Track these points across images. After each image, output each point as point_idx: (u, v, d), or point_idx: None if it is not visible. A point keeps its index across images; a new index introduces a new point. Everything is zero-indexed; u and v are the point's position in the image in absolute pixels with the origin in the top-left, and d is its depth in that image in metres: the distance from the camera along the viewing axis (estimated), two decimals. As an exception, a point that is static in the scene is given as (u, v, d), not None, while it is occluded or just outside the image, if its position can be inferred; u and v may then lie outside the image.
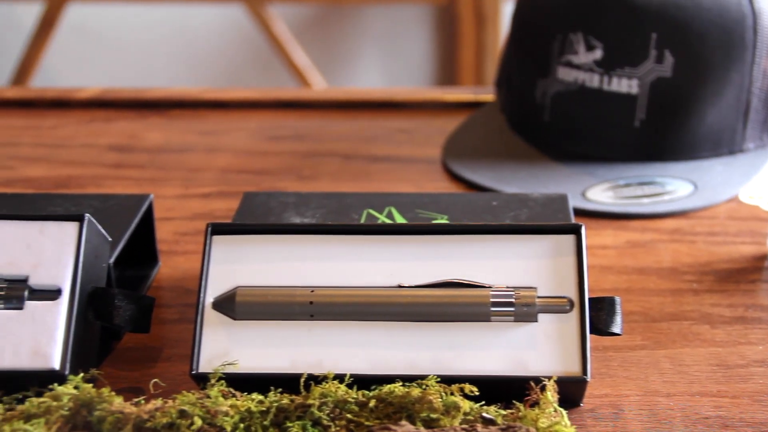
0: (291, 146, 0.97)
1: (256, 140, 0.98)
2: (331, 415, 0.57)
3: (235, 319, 0.62)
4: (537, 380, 0.57)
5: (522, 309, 0.60)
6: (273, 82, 2.53)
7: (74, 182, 0.90)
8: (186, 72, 2.55)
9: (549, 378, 0.57)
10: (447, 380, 0.58)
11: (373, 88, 1.05)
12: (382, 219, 0.72)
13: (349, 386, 0.58)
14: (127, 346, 0.69)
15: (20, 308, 0.61)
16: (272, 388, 0.59)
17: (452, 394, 0.57)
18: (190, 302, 0.73)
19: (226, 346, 0.61)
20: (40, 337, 0.61)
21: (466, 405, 0.56)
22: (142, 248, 0.76)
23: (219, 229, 0.64)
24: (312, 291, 0.62)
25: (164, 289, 0.75)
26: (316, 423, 0.57)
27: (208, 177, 0.91)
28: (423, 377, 0.58)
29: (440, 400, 0.56)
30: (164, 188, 0.89)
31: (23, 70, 2.32)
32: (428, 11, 2.55)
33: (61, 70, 2.57)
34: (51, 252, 0.63)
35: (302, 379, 0.58)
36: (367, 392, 0.57)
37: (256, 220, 0.71)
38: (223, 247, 0.64)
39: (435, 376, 0.58)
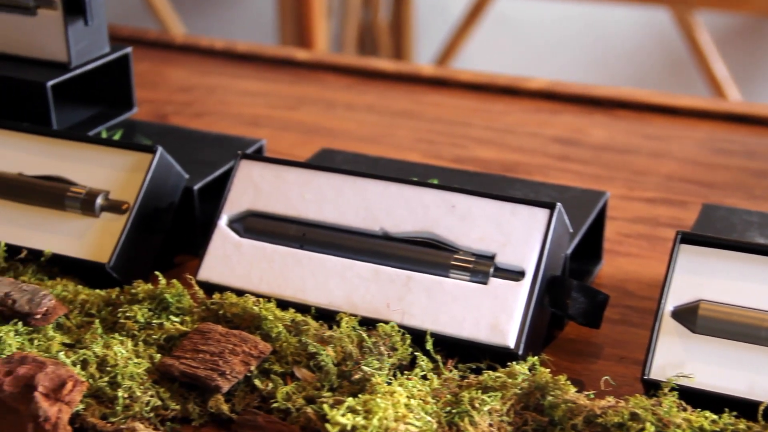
0: (741, 162, 0.93)
1: (703, 151, 0.96)
2: (790, 451, 0.54)
3: (694, 332, 0.60)
4: None
5: None
6: (684, 89, 2.45)
7: (521, 168, 0.92)
8: (594, 69, 2.55)
9: None
10: None
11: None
12: None
13: (814, 426, 0.55)
14: (568, 337, 0.69)
15: (485, 283, 0.64)
16: (726, 409, 0.57)
17: None
18: (631, 305, 0.73)
19: (681, 358, 0.60)
20: (500, 314, 0.63)
21: None
22: (588, 243, 0.76)
23: (688, 238, 0.63)
24: (782, 319, 0.59)
25: (605, 287, 0.75)
26: (773, 456, 0.54)
27: (652, 181, 0.90)
28: None
29: None
30: (607, 187, 0.89)
31: (446, 53, 2.44)
32: None
33: (477, 56, 2.66)
34: (519, 234, 0.65)
35: (761, 407, 0.56)
36: (832, 436, 0.54)
37: (717, 234, 0.69)
38: (689, 256, 0.62)
39: None
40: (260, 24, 2.69)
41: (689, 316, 0.60)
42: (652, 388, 0.59)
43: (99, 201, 0.72)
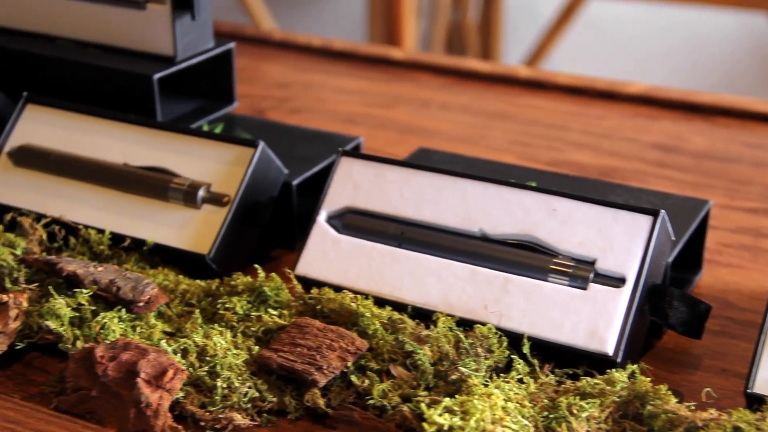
0: None
1: (807, 161, 0.93)
2: None
3: (801, 346, 0.59)
4: None
5: None
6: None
7: (617, 173, 0.91)
8: (685, 73, 2.50)
9: None
10: None
11: None
12: None
13: None
14: (666, 346, 0.68)
15: (584, 288, 0.63)
16: (833, 428, 0.55)
17: None
18: (731, 316, 0.71)
19: (787, 373, 0.58)
20: (599, 320, 0.62)
21: None
22: (688, 252, 0.75)
23: (798, 250, 0.61)
24: None
25: (704, 297, 0.73)
26: None
27: (755, 191, 0.88)
28: None
29: None
30: (706, 195, 0.87)
31: (536, 55, 2.42)
32: None
33: (567, 59, 2.64)
34: (621, 241, 0.64)
35: None
36: None
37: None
38: (797, 269, 0.61)
39: None
40: (349, 22, 2.70)
41: (796, 331, 0.59)
42: (756, 402, 0.58)
43: (201, 193, 0.73)
